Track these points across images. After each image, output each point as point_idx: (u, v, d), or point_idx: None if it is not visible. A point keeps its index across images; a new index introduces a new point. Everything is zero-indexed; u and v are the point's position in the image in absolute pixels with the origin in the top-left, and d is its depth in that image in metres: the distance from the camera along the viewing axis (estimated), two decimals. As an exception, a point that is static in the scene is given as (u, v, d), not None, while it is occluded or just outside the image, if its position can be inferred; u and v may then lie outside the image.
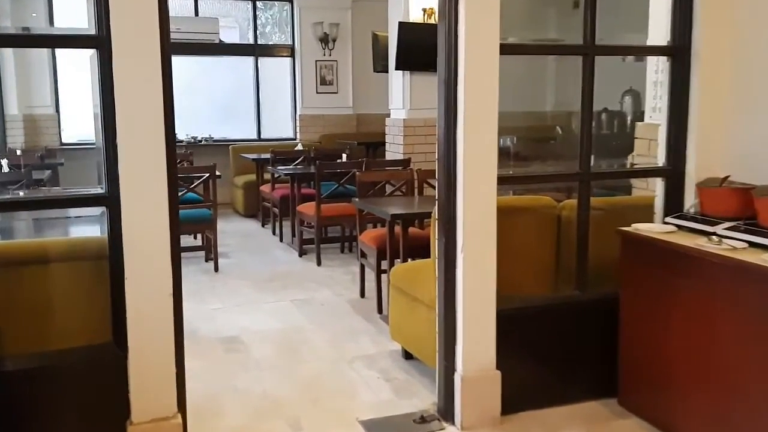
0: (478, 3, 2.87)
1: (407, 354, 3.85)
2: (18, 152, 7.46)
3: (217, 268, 5.99)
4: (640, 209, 3.47)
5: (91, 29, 2.55)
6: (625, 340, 3.18)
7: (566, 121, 6.86)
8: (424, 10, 6.99)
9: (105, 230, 2.63)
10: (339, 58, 9.98)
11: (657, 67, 3.74)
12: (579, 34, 3.19)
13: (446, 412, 3.13)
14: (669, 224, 3.11)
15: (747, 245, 2.69)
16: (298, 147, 8.39)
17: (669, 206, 3.35)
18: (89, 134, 6.80)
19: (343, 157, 7.18)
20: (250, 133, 10.05)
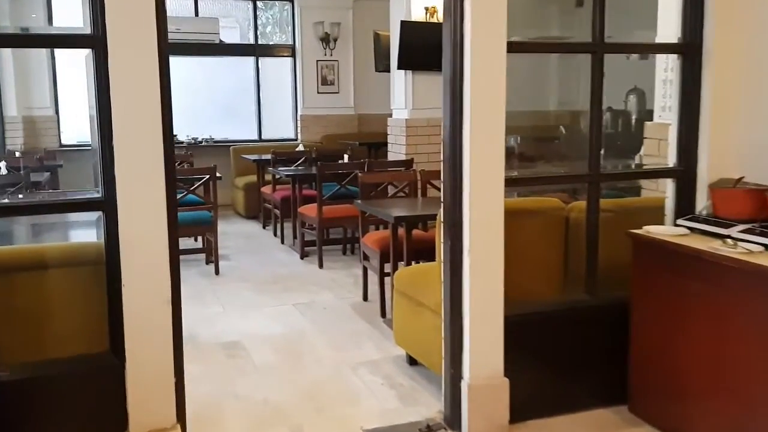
0: (485, 0, 2.79)
1: (412, 359, 3.77)
2: (17, 154, 7.39)
3: (217, 271, 5.92)
4: (650, 211, 3.39)
5: (87, 28, 2.48)
6: (636, 346, 3.10)
7: (569, 121, 6.78)
8: (427, 9, 6.93)
9: (102, 235, 2.55)
10: (340, 58, 9.90)
11: (667, 65, 3.66)
12: (581, 31, 3.13)
13: (453, 420, 3.05)
14: (681, 226, 3.03)
15: (763, 248, 2.62)
16: (300, 148, 8.33)
17: (680, 208, 3.28)
18: (89, 136, 6.73)
19: (344, 158, 7.12)
20: (251, 133, 9.99)
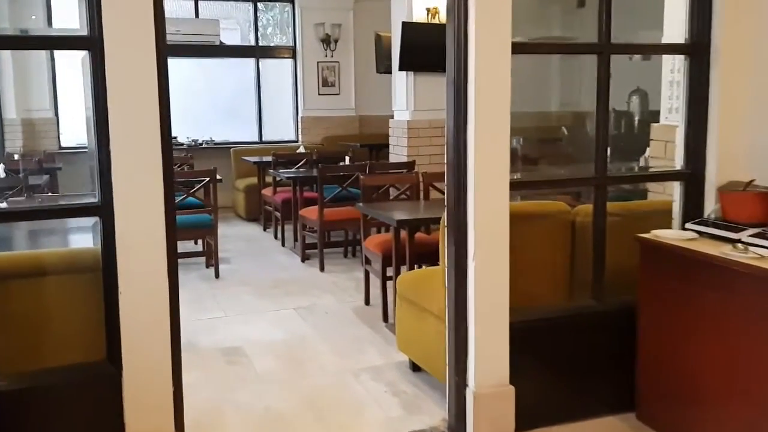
0: (489, 0, 2.73)
1: (415, 365, 3.71)
2: (16, 157, 7.34)
3: (217, 275, 5.86)
4: (657, 215, 3.34)
5: (83, 30, 2.43)
6: (644, 352, 3.04)
7: (572, 122, 6.72)
8: (428, 10, 6.88)
9: (99, 241, 2.49)
10: (341, 60, 9.85)
11: (673, 66, 3.60)
12: (583, 32, 3.07)
13: (457, 429, 2.98)
14: (689, 230, 2.98)
15: (775, 253, 2.56)
16: (300, 149, 8.26)
17: (688, 211, 3.22)
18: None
19: (345, 160, 7.07)
20: (252, 135, 9.95)
